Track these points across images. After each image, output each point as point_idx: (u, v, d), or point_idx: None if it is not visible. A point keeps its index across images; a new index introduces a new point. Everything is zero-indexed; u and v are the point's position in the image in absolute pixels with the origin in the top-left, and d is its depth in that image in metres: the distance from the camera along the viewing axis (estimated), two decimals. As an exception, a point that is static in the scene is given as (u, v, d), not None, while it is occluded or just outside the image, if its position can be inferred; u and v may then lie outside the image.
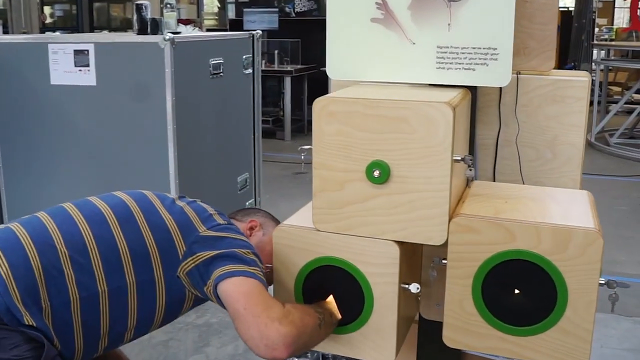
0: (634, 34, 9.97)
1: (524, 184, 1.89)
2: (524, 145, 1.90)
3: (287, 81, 9.08)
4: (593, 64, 9.73)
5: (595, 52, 9.87)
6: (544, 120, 1.87)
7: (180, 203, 1.75)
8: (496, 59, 1.61)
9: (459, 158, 1.50)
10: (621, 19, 15.26)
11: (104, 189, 1.96)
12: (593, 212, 1.55)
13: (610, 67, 9.70)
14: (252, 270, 1.57)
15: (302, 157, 1.74)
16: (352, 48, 1.71)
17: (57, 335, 1.54)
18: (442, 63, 1.65)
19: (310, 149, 1.60)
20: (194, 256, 1.62)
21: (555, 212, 1.54)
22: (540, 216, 1.51)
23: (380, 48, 1.68)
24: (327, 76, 1.80)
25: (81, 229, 1.62)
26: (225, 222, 1.72)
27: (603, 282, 1.46)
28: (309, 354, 2.28)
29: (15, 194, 4.10)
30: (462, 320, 1.57)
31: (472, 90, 1.73)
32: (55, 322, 1.54)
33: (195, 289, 1.66)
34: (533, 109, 1.87)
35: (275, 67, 9.23)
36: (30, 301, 1.50)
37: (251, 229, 1.88)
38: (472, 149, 1.82)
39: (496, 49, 1.60)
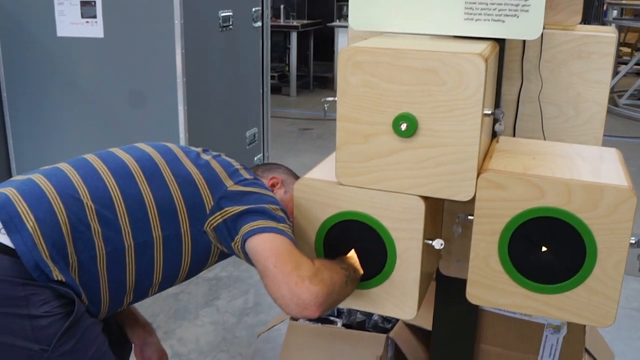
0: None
1: (541, 140, 1.86)
2: (546, 102, 1.86)
3: (293, 36, 8.98)
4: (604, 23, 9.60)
5: (607, 11, 9.73)
6: (567, 76, 1.83)
7: (205, 156, 1.72)
8: (527, 11, 1.55)
9: (489, 112, 1.46)
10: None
11: (112, 142, 1.92)
12: (624, 170, 1.51)
13: (620, 27, 9.57)
14: (281, 227, 1.54)
15: (326, 107, 1.69)
16: (377, -2, 1.65)
17: (84, 290, 1.52)
18: (470, 14, 1.59)
19: (334, 100, 1.56)
20: (222, 211, 1.59)
21: (585, 169, 1.51)
22: (570, 173, 1.47)
23: (407, -2, 1.63)
24: (333, 32, 1.75)
25: (107, 182, 1.58)
26: (252, 177, 1.69)
27: (633, 241, 1.43)
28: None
29: (23, 147, 4.06)
30: (487, 277, 1.54)
31: (500, 43, 1.68)
32: (82, 278, 1.52)
33: (221, 244, 1.63)
34: (557, 64, 1.82)
35: (281, 22, 9.13)
36: (58, 256, 1.47)
37: (272, 185, 1.84)
38: (497, 105, 1.78)
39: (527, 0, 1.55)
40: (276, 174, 1.89)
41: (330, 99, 1.65)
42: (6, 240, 1.45)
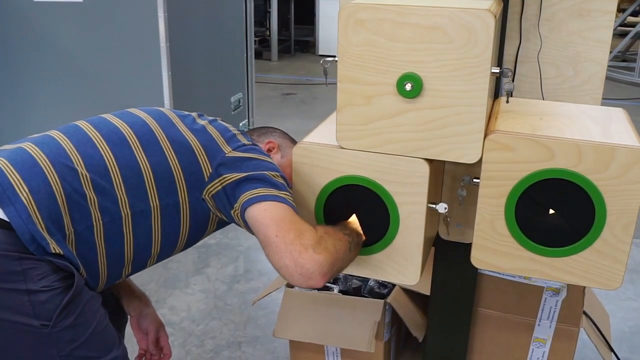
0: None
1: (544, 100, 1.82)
2: (545, 62, 1.82)
3: (274, 1, 8.85)
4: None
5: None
6: (567, 35, 1.78)
7: (201, 121, 1.66)
8: (533, -35, 1.50)
9: (497, 71, 1.42)
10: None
11: (94, 109, 1.85)
12: (634, 130, 1.48)
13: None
14: (282, 195, 1.49)
15: (326, 68, 1.63)
16: (376, -47, 1.59)
17: (82, 263, 1.47)
18: (473, -30, 1.54)
19: (335, 60, 1.50)
20: (221, 178, 1.54)
21: (595, 130, 1.47)
22: (580, 133, 1.43)
23: (407, -47, 1.57)
24: None
25: (101, 150, 1.51)
26: (250, 142, 1.63)
27: (643, 202, 1.40)
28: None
29: (1, 116, 3.96)
30: (493, 240, 1.51)
31: (504, 1, 1.63)
32: (79, 249, 1.46)
33: (220, 212, 1.58)
34: (556, 23, 1.78)
35: (262, -15, 8.98)
36: (55, 228, 1.41)
37: (269, 150, 1.78)
38: (500, 64, 1.73)
39: (533, -47, 1.50)
40: (272, 138, 1.84)
41: (330, 59, 1.59)
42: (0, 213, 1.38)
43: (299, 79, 7.84)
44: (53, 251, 1.39)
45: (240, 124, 4.66)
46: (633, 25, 8.46)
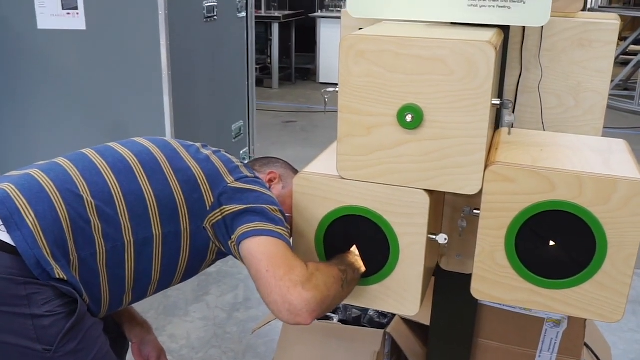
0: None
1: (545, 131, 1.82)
2: (546, 92, 1.82)
3: (275, 27, 8.91)
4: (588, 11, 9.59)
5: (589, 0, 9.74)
6: (568, 65, 1.78)
7: (205, 151, 1.67)
8: (534, -4, 1.51)
9: (497, 102, 1.42)
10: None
11: (97, 136, 1.86)
12: (635, 161, 1.48)
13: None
14: (278, 230, 1.49)
15: (326, 99, 1.64)
16: (377, -15, 1.60)
17: (85, 288, 1.47)
18: (474, 0, 1.55)
19: (335, 91, 1.50)
20: (222, 208, 1.54)
21: (596, 161, 1.47)
22: (581, 165, 1.43)
23: (408, -15, 1.58)
24: (315, 23, 1.70)
25: (106, 177, 1.53)
26: (252, 175, 1.64)
27: (645, 234, 1.39)
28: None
29: (6, 142, 3.97)
30: (493, 272, 1.50)
31: (505, 30, 1.64)
32: (83, 275, 1.46)
33: (219, 242, 1.58)
34: (557, 53, 1.78)
35: (263, 12, 9.05)
36: (60, 254, 1.42)
37: (270, 180, 1.79)
38: (501, 95, 1.73)
39: (534, -15, 1.50)
40: (274, 168, 1.84)
41: (331, 89, 1.59)
42: (6, 238, 1.39)
43: (300, 107, 7.86)
44: (57, 276, 1.39)
45: (241, 152, 4.67)
46: (635, 53, 8.50)
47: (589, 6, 9.55)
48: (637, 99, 8.09)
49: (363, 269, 1.59)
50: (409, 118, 1.41)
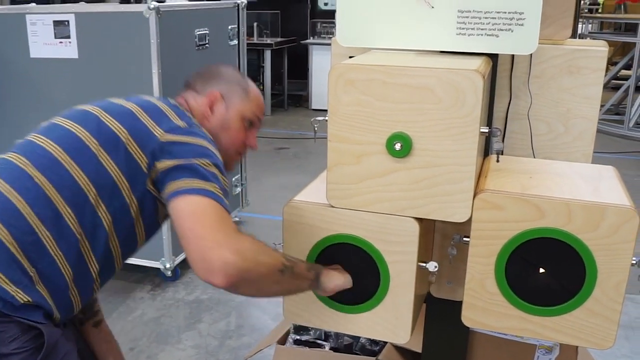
0: (622, 6, 9.94)
1: (534, 158, 1.82)
2: (535, 119, 1.83)
3: (267, 54, 8.95)
4: (578, 37, 9.69)
5: (580, 25, 9.81)
6: (557, 92, 1.79)
7: (129, 106, 1.59)
8: (522, 25, 1.52)
9: (486, 130, 1.43)
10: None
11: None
12: (624, 189, 1.48)
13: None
14: (209, 188, 1.42)
15: (315, 128, 1.64)
16: (365, 13, 1.61)
17: (54, 298, 1.44)
18: (463, 28, 1.56)
19: (325, 120, 1.51)
20: (155, 166, 1.49)
21: (585, 189, 1.47)
22: (570, 192, 1.43)
23: (396, 12, 1.59)
24: (307, 50, 1.71)
25: (36, 179, 1.46)
26: (183, 123, 1.55)
27: (634, 261, 1.40)
28: (311, 331, 2.22)
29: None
30: (483, 300, 1.50)
31: (493, 58, 1.65)
32: (48, 286, 1.44)
33: (160, 198, 1.54)
34: (546, 80, 1.79)
35: (255, 39, 9.10)
36: (18, 276, 1.39)
37: (211, 104, 1.69)
38: (490, 122, 1.74)
39: (522, 13, 1.51)
40: (216, 86, 1.72)
41: (320, 118, 1.60)
42: None
43: (292, 134, 7.88)
44: (21, 301, 1.37)
45: (233, 179, 4.66)
46: (626, 78, 8.55)
47: (580, 31, 9.64)
48: (626, 123, 8.14)
49: (336, 281, 1.55)
50: (397, 146, 1.42)
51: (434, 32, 1.57)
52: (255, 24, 9.21)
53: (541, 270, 1.44)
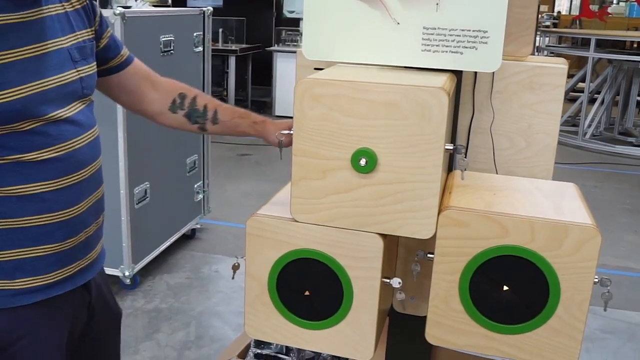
0: (577, 22, 10.15)
1: (497, 173, 1.83)
2: (497, 134, 1.84)
3: (232, 61, 8.93)
4: (536, 50, 9.85)
5: (538, 38, 10.00)
6: (518, 108, 1.81)
7: None
8: (486, 43, 1.52)
9: (451, 147, 1.42)
10: (562, 6, 15.48)
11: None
12: (585, 207, 1.49)
13: (549, 54, 9.87)
14: None
15: (282, 141, 1.62)
16: (332, 26, 1.60)
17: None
18: (428, 45, 1.56)
19: (290, 134, 1.49)
20: None
21: (547, 206, 1.47)
22: (533, 210, 1.43)
23: (362, 28, 1.58)
24: (271, 56, 1.69)
25: None
26: None
27: (597, 279, 1.40)
28: (272, 345, 2.19)
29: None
30: (448, 317, 1.49)
31: (458, 75, 1.65)
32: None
33: None
34: (508, 96, 1.80)
35: (220, 45, 9.06)
36: None
37: None
38: (454, 138, 1.74)
39: (487, 31, 1.52)
40: None
41: (286, 132, 1.58)
42: None
43: (255, 140, 7.83)
44: None
45: (195, 186, 4.62)
46: (582, 90, 8.71)
47: (538, 44, 9.80)
48: (580, 135, 8.30)
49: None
50: (362, 162, 1.40)
51: (399, 48, 1.56)
52: (220, 30, 9.19)
53: (505, 288, 1.44)
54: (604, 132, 9.04)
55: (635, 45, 9.49)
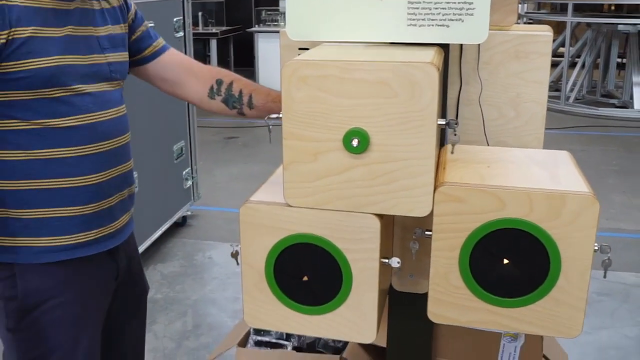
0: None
1: (487, 142, 1.81)
2: (486, 104, 1.82)
3: (213, 44, 8.86)
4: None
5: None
6: (505, 77, 1.78)
7: None
8: (472, 14, 1.50)
9: (443, 123, 1.40)
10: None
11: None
12: (581, 174, 1.47)
13: (528, 20, 9.88)
14: None
15: (270, 127, 1.60)
16: (315, 6, 1.57)
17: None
18: (413, 20, 1.53)
19: (280, 117, 1.46)
20: None
21: (543, 176, 1.46)
22: (529, 181, 1.42)
23: (346, 5, 1.55)
24: (252, 37, 1.68)
25: None
26: None
27: (596, 247, 1.39)
28: (272, 331, 2.18)
29: None
30: (448, 294, 1.48)
31: (445, 48, 1.62)
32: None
33: None
34: (495, 66, 1.78)
35: (200, 29, 8.99)
36: None
37: None
38: (444, 112, 1.72)
39: (472, 3, 1.49)
40: None
41: (274, 116, 1.55)
42: None
43: (241, 122, 7.80)
44: None
45: (184, 172, 4.59)
46: (563, 55, 8.71)
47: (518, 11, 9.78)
48: (563, 99, 8.32)
49: None
50: (355, 142, 1.38)
51: (384, 23, 1.53)
52: (200, 14, 9.12)
53: (505, 261, 1.43)
54: (586, 96, 9.06)
55: (613, 8, 9.50)
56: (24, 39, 1.54)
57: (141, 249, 3.90)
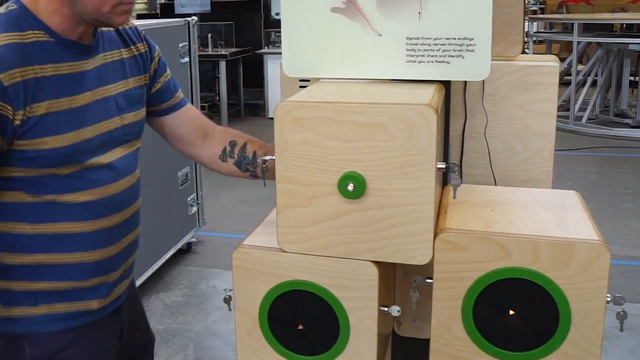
0: (564, 7, 10.10)
1: (493, 177, 1.74)
2: (492, 137, 1.75)
3: (222, 65, 8.83)
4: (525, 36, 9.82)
5: (527, 24, 9.97)
6: (512, 109, 1.72)
7: None
8: (473, 50, 1.43)
9: (443, 166, 1.33)
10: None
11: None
12: (590, 218, 1.39)
13: (539, 40, 9.84)
14: None
15: (265, 168, 1.53)
16: (311, 42, 1.51)
17: None
18: (412, 56, 1.46)
19: (272, 159, 1.40)
20: None
21: (550, 221, 1.38)
22: (535, 227, 1.34)
23: (343, 41, 1.49)
24: (262, 59, 1.61)
25: None
26: None
27: (609, 298, 1.31)
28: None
29: None
30: (451, 346, 1.40)
31: (446, 84, 1.56)
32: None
33: None
34: (500, 97, 1.72)
35: (209, 51, 8.98)
36: None
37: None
38: (446, 150, 1.65)
39: (472, 39, 1.43)
40: None
41: (268, 157, 1.49)
42: None
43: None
44: None
45: (189, 199, 4.53)
46: (577, 72, 8.65)
47: (526, 29, 9.76)
48: (571, 119, 8.25)
49: None
50: (350, 187, 1.31)
51: (383, 60, 1.47)
52: (209, 35, 9.11)
53: (511, 312, 1.35)
54: (599, 115, 8.96)
55: (624, 27, 9.42)
56: (38, 118, 1.42)
57: (144, 277, 3.84)
